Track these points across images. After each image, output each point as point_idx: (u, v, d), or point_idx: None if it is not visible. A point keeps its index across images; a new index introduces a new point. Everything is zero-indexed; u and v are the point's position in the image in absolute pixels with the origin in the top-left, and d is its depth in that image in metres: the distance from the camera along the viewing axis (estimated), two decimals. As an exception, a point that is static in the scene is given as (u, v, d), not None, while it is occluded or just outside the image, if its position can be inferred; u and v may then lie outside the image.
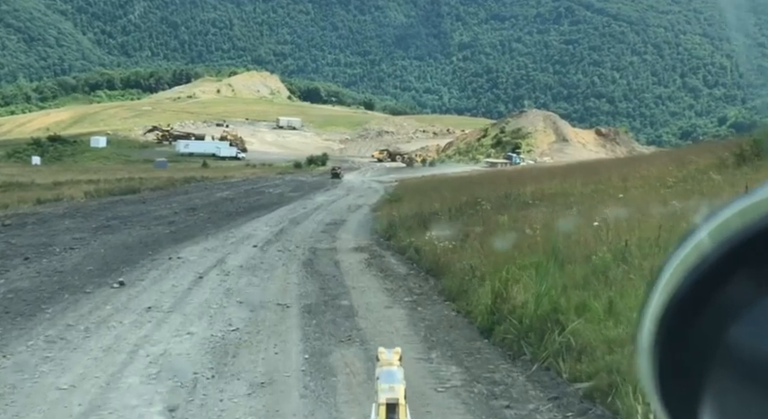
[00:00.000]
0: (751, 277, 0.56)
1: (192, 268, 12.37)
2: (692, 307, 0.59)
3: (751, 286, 0.56)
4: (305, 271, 12.45)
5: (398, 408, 1.55)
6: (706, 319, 0.59)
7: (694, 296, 0.59)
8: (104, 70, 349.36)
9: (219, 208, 28.59)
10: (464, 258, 11.24)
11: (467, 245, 12.65)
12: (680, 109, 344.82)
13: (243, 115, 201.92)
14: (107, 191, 37.90)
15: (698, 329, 0.59)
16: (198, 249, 15.08)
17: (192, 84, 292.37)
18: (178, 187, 45.60)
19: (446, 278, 10.69)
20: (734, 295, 0.57)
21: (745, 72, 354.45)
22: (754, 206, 0.56)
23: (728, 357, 0.57)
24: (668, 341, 0.60)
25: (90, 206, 29.04)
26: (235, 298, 9.67)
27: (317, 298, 9.87)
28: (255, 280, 11.37)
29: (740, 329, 0.56)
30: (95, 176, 53.63)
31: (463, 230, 14.98)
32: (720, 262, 0.57)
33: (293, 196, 38.23)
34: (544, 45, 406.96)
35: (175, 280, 11.01)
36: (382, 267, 13.13)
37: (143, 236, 17.48)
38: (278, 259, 13.90)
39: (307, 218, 25.02)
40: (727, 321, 0.57)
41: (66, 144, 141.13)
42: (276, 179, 62.73)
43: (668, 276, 0.60)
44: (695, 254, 0.58)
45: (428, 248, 13.20)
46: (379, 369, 1.73)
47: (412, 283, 11.27)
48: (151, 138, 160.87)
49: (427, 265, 12.32)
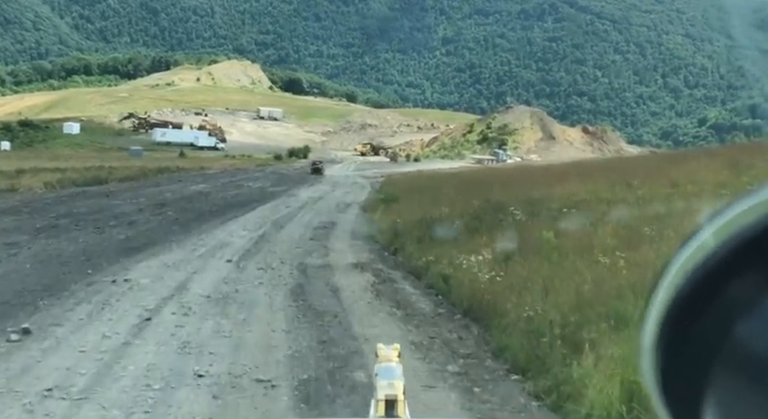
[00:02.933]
0: (755, 276, 0.57)
1: (140, 300, 9.03)
2: (695, 307, 0.59)
3: (755, 285, 0.56)
4: (295, 307, 9.15)
5: (397, 404, 1.54)
6: (710, 319, 0.59)
7: (698, 295, 0.59)
8: (81, 55, 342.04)
9: (192, 204, 25.24)
10: (518, 295, 8.05)
11: (512, 270, 9.46)
12: (661, 109, 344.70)
13: (223, 104, 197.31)
14: (71, 181, 34.72)
15: (701, 329, 0.59)
16: (155, 265, 11.74)
17: (172, 72, 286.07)
18: (150, 178, 42.32)
19: (499, 330, 7.45)
20: (738, 294, 0.57)
21: (726, 73, 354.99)
22: (758, 205, 0.55)
23: (732, 357, 0.57)
24: (671, 341, 0.60)
25: (45, 199, 25.75)
26: (192, 366, 6.31)
27: (317, 364, 6.55)
28: (226, 324, 8.01)
29: (744, 329, 0.56)
30: (64, 164, 50.21)
31: (496, 248, 11.79)
32: (725, 261, 0.57)
33: (275, 191, 34.94)
34: (527, 42, 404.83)
35: (109, 326, 7.65)
36: (397, 299, 9.86)
37: (90, 244, 14.09)
38: (258, 284, 10.56)
39: (291, 219, 21.70)
40: (731, 321, 0.57)
41: (38, 129, 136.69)
42: (256, 171, 59.49)
43: (672, 275, 0.60)
44: (699, 253, 0.58)
45: (460, 275, 9.97)
46: (377, 365, 1.69)
47: (448, 332, 8.00)
48: (127, 125, 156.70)
49: (462, 301, 9.07)
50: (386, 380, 1.60)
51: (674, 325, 0.60)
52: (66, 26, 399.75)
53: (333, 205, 28.67)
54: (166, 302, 8.98)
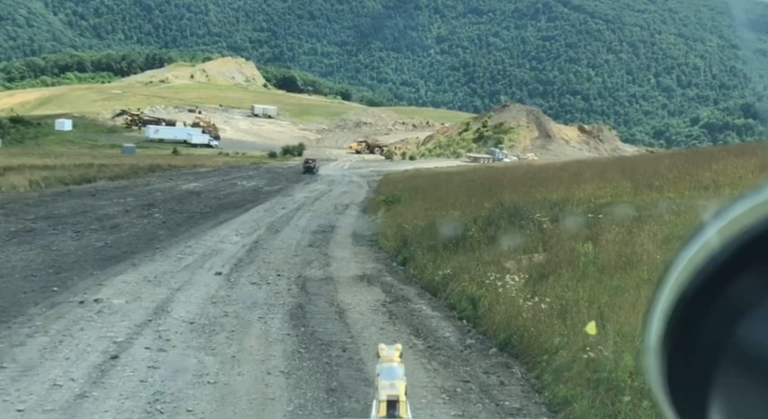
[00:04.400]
0: (760, 275, 0.56)
1: (110, 328, 7.50)
2: (700, 306, 0.59)
3: (759, 284, 0.56)
4: (295, 336, 7.62)
5: (399, 405, 1.55)
6: (714, 318, 0.58)
7: (702, 294, 0.59)
8: (75, 52, 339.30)
9: (182, 205, 23.72)
10: (566, 325, 6.57)
11: (550, 290, 7.99)
12: (653, 108, 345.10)
13: (217, 102, 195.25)
14: (58, 179, 33.12)
15: (706, 328, 0.59)
16: (133, 280, 10.21)
17: (165, 69, 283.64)
18: (141, 176, 40.69)
19: (550, 374, 5.95)
20: (742, 293, 0.57)
21: (719, 73, 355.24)
22: (761, 204, 0.55)
23: (737, 355, 0.57)
24: (676, 340, 0.60)
25: (27, 199, 24.19)
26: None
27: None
28: (211, 364, 6.45)
29: (749, 327, 0.56)
30: (53, 161, 48.61)
31: (522, 260, 10.36)
32: (729, 260, 0.57)
33: (270, 191, 33.45)
34: (521, 40, 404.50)
35: (64, 368, 6.10)
36: (415, 325, 8.35)
37: (64, 253, 12.54)
38: (251, 304, 9.04)
39: (288, 222, 20.18)
40: (735, 319, 0.57)
41: (30, 126, 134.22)
42: (250, 169, 57.89)
43: (676, 275, 0.60)
44: (703, 252, 0.58)
45: (487, 294, 8.48)
46: (379, 365, 1.70)
47: (484, 374, 6.47)
48: (120, 122, 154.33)
49: (496, 331, 7.57)
50: (387, 381, 1.59)
51: (679, 325, 0.60)
52: (59, 23, 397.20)
53: (330, 206, 27.21)
54: (141, 331, 7.44)
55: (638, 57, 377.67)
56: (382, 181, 43.68)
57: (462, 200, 19.81)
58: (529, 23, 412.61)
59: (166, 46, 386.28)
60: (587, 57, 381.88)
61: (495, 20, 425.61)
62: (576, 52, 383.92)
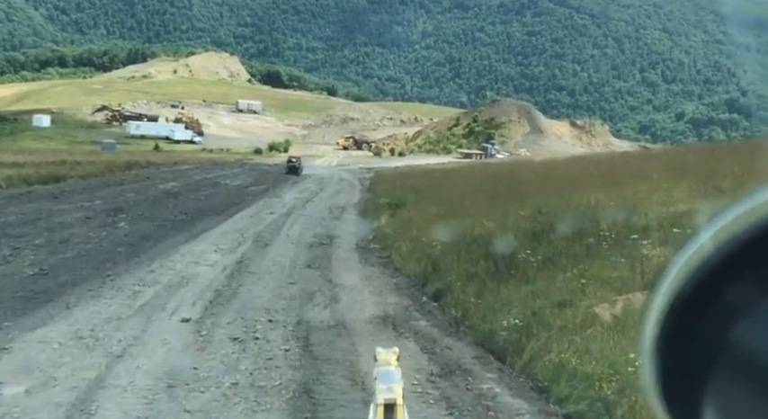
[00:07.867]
0: (753, 278, 0.57)
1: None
2: (694, 309, 0.59)
3: (753, 287, 0.56)
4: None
5: (396, 409, 1.65)
6: (709, 321, 0.58)
7: (697, 298, 0.59)
8: (56, 47, 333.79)
9: (154, 210, 20.50)
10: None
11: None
12: (639, 103, 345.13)
13: (200, 97, 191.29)
14: (23, 178, 29.87)
15: (701, 331, 0.59)
16: (57, 337, 7.02)
17: (148, 64, 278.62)
18: (116, 175, 37.43)
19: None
20: (736, 296, 0.57)
21: (703, 68, 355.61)
22: (756, 208, 0.56)
23: (731, 358, 0.57)
24: (671, 342, 0.60)
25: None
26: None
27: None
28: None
29: (743, 330, 0.56)
30: (27, 158, 45.45)
31: (617, 302, 7.27)
32: (723, 263, 0.57)
33: (255, 191, 30.32)
34: (507, 36, 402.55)
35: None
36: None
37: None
38: (230, 386, 5.86)
39: (278, 232, 17.00)
40: (729, 322, 0.57)
41: (6, 122, 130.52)
42: (234, 166, 54.54)
43: (671, 278, 0.60)
44: (698, 256, 0.58)
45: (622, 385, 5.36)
46: (376, 369, 1.66)
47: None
48: (100, 118, 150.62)
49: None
50: (385, 384, 1.51)
51: (674, 328, 0.60)
52: (40, 17, 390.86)
53: (324, 209, 24.09)
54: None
55: (624, 53, 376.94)
56: (374, 179, 40.84)
57: (483, 205, 16.67)
58: (514, 18, 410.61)
59: (149, 41, 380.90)
60: (573, 53, 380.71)
61: (480, 15, 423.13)
62: (562, 47, 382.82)
